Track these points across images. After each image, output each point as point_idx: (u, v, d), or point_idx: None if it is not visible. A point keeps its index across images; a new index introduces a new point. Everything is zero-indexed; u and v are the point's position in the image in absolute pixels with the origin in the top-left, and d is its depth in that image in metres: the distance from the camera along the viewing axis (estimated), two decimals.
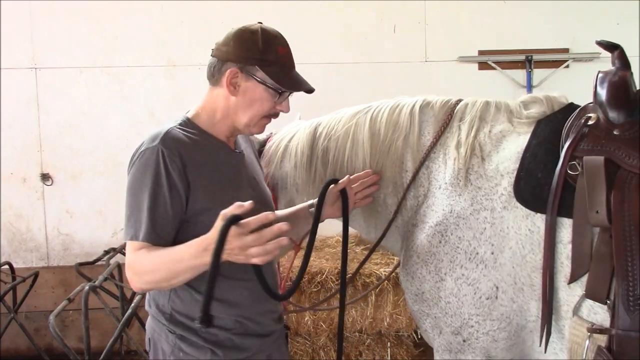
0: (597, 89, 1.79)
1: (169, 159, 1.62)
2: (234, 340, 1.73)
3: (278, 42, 1.77)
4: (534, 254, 1.79)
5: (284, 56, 1.77)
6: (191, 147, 1.69)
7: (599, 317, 1.67)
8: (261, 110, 1.75)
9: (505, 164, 1.90)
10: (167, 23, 4.64)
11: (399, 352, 3.86)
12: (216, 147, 1.77)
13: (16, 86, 4.59)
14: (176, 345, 1.71)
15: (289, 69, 1.79)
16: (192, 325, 1.68)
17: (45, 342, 4.49)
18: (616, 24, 4.75)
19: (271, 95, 1.75)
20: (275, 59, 1.74)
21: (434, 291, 1.94)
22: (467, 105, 2.07)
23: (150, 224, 1.60)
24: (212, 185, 1.69)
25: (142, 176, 1.62)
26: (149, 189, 1.61)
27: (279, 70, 1.74)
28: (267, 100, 1.75)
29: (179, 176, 1.62)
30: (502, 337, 1.88)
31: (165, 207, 1.61)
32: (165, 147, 1.63)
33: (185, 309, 1.71)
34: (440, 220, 1.94)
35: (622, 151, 1.70)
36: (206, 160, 1.71)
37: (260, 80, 1.73)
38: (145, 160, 1.63)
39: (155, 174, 1.61)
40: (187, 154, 1.66)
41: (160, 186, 1.61)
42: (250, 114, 1.75)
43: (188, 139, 1.70)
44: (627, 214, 1.63)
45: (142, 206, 1.61)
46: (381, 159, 2.11)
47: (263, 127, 1.81)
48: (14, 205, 4.64)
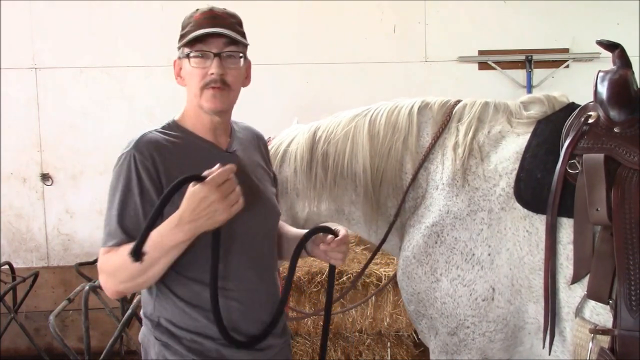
0: (598, 88, 1.79)
1: (141, 164, 1.56)
2: (222, 351, 1.62)
3: (198, 12, 1.64)
4: (532, 255, 1.78)
5: (200, 18, 1.61)
6: (169, 150, 1.62)
7: (601, 318, 1.66)
8: (195, 81, 1.62)
9: (504, 164, 1.90)
10: (167, 23, 4.63)
11: (399, 352, 3.86)
12: (200, 148, 1.68)
13: (16, 86, 4.58)
14: (161, 352, 1.64)
15: (200, 24, 1.61)
16: (177, 334, 1.62)
17: (45, 342, 4.48)
18: (616, 24, 4.74)
19: (196, 63, 1.60)
20: (190, 27, 1.62)
21: (430, 292, 1.94)
22: (465, 106, 2.07)
23: (120, 229, 1.54)
24: None
25: (115, 183, 1.58)
26: (119, 195, 1.56)
27: (188, 33, 1.61)
28: (194, 70, 1.61)
29: (150, 181, 1.56)
30: (499, 338, 1.87)
31: (136, 212, 1.55)
32: (137, 151, 1.57)
33: (169, 317, 1.63)
34: (436, 221, 1.94)
35: (623, 148, 1.70)
36: (185, 162, 1.62)
37: (182, 55, 1.63)
38: (119, 167, 1.59)
39: (127, 179, 1.56)
40: (163, 158, 1.59)
41: (130, 191, 1.56)
42: (193, 91, 1.64)
43: (167, 142, 1.63)
44: (627, 211, 1.63)
45: (113, 212, 1.56)
46: (381, 162, 2.10)
47: (212, 98, 1.62)
48: (14, 205, 4.64)
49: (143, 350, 1.71)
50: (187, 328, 1.62)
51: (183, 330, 1.62)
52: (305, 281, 3.74)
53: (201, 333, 1.61)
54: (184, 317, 1.62)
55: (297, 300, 3.73)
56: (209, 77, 1.61)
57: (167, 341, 1.63)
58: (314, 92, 4.62)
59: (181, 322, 1.62)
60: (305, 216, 2.33)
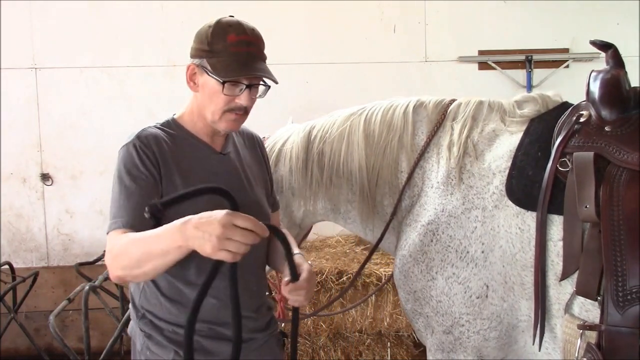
0: (590, 87, 1.81)
1: (141, 150, 1.61)
2: (202, 342, 1.65)
3: (231, 30, 1.64)
4: (524, 252, 1.79)
5: (234, 44, 1.63)
6: (167, 145, 1.67)
7: (590, 314, 1.67)
8: (219, 103, 1.66)
9: (498, 162, 1.91)
10: (167, 23, 4.64)
11: (399, 352, 3.86)
12: (196, 148, 1.73)
13: (16, 86, 4.59)
14: (144, 343, 1.70)
15: (240, 56, 1.63)
16: (158, 325, 1.67)
17: (45, 342, 4.48)
18: (616, 24, 4.74)
19: (228, 91, 1.64)
20: (222, 49, 1.63)
21: (426, 290, 1.95)
22: (460, 105, 2.08)
23: (126, 212, 1.57)
24: (184, 185, 1.63)
25: (118, 171, 1.62)
26: (124, 182, 1.59)
27: (224, 60, 1.63)
28: (220, 93, 1.64)
29: (151, 164, 1.61)
30: (493, 336, 1.88)
31: (141, 195, 1.57)
32: (139, 140, 1.63)
33: (152, 309, 1.69)
34: (432, 219, 1.95)
35: (613, 147, 1.71)
36: (182, 160, 1.68)
37: (209, 73, 1.65)
38: (121, 156, 1.63)
39: (130, 165, 1.60)
40: (161, 151, 1.65)
41: (134, 176, 1.59)
42: (212, 109, 1.68)
43: (165, 138, 1.68)
44: (615, 209, 1.63)
45: (116, 198, 1.60)
46: (377, 160, 2.11)
47: (232, 122, 1.70)
48: (14, 205, 4.64)
49: (132, 342, 1.78)
50: (167, 320, 1.67)
51: (164, 322, 1.67)
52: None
53: (181, 325, 1.59)
54: (165, 310, 1.67)
55: None
56: (235, 105, 1.67)
57: (150, 332, 1.69)
58: (314, 92, 4.62)
59: (162, 314, 1.68)
60: (301, 215, 2.34)
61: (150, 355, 1.68)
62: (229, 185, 1.59)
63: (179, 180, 1.64)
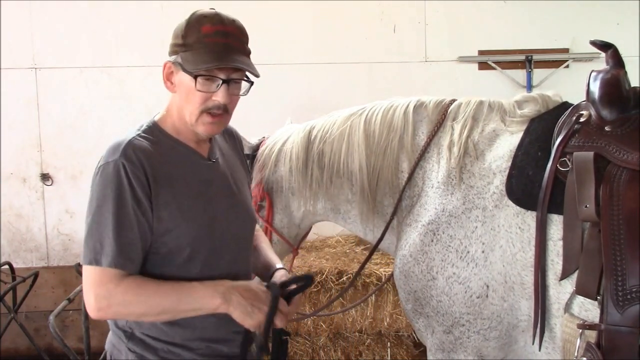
0: (590, 87, 1.81)
1: (132, 174, 1.46)
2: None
3: (206, 21, 1.50)
4: (524, 252, 1.79)
5: (208, 35, 1.48)
6: (156, 158, 1.52)
7: (590, 314, 1.67)
8: (195, 102, 1.52)
9: (498, 162, 1.91)
10: (167, 23, 4.62)
11: (399, 352, 3.86)
12: (184, 156, 1.59)
13: (16, 86, 4.58)
14: None
15: (214, 47, 1.49)
16: (152, 345, 1.55)
17: (45, 342, 4.48)
18: (616, 24, 4.74)
19: (201, 86, 1.50)
20: (195, 40, 1.49)
21: (426, 290, 1.95)
22: (460, 105, 2.08)
23: (117, 246, 1.43)
24: (175, 201, 1.52)
25: (102, 194, 1.45)
26: (111, 209, 1.44)
27: (197, 52, 1.48)
28: (195, 90, 1.50)
29: (143, 192, 1.46)
30: (494, 336, 1.88)
31: (132, 228, 1.45)
32: (127, 160, 1.46)
33: (146, 330, 1.56)
34: (432, 219, 1.95)
35: (613, 146, 1.71)
36: (172, 173, 1.54)
37: (184, 69, 1.50)
38: (105, 176, 1.47)
39: (118, 191, 1.45)
40: (152, 167, 1.49)
41: (124, 205, 1.44)
42: (189, 110, 1.54)
43: (152, 149, 1.52)
44: (615, 208, 1.63)
45: (103, 227, 1.44)
46: (377, 161, 2.11)
47: (209, 125, 1.55)
48: (14, 205, 4.64)
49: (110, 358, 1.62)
50: (163, 339, 1.56)
51: (159, 342, 1.56)
52: None
53: (177, 344, 1.56)
54: (158, 330, 1.56)
55: None
56: (212, 103, 1.53)
57: (142, 353, 1.56)
58: (314, 92, 4.62)
59: (155, 333, 1.56)
60: (301, 215, 2.34)
61: None
62: (221, 192, 1.62)
63: (171, 197, 1.52)
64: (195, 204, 1.56)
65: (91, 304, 1.46)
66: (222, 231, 1.60)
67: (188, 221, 1.52)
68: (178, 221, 1.51)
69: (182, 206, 1.53)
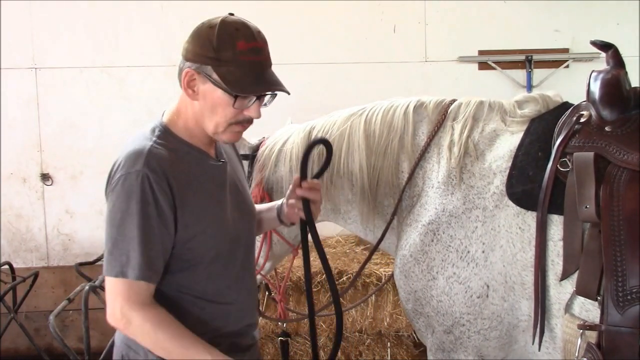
0: (590, 87, 1.81)
1: (157, 185, 1.46)
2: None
3: (239, 35, 1.49)
4: (524, 252, 1.79)
5: (244, 52, 1.49)
6: (176, 166, 1.53)
7: (590, 314, 1.67)
8: (225, 116, 1.53)
9: (498, 162, 1.91)
10: (167, 23, 4.64)
11: (399, 352, 3.86)
12: (199, 160, 1.61)
13: (16, 86, 4.58)
14: None
15: (251, 67, 1.51)
16: None
17: (45, 342, 4.48)
18: (616, 24, 4.74)
19: (232, 99, 1.51)
20: (231, 57, 1.48)
21: (426, 290, 1.95)
22: (460, 105, 2.08)
23: (144, 259, 1.44)
24: (199, 206, 1.55)
25: (127, 206, 1.45)
26: (136, 221, 1.44)
27: (235, 70, 1.49)
28: (228, 105, 1.51)
29: (166, 203, 1.47)
30: (494, 336, 1.88)
31: (156, 241, 1.47)
32: (150, 171, 1.46)
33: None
34: (432, 219, 1.95)
35: (613, 147, 1.71)
36: (191, 178, 1.55)
37: (216, 83, 1.50)
38: (129, 187, 1.46)
39: (143, 203, 1.45)
40: (174, 176, 1.50)
41: (149, 217, 1.45)
42: (215, 121, 1.54)
43: (171, 157, 1.53)
44: (615, 209, 1.63)
45: (129, 240, 1.45)
46: (377, 161, 2.11)
47: (236, 134, 1.59)
48: (14, 205, 4.64)
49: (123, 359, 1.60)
50: None
51: None
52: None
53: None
54: None
55: (297, 300, 3.73)
56: (243, 117, 1.55)
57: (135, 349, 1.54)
58: (314, 92, 4.61)
59: None
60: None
61: None
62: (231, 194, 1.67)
63: (192, 200, 1.54)
64: (213, 206, 1.60)
65: (114, 314, 1.47)
66: (233, 230, 1.65)
67: (210, 224, 1.56)
68: (202, 226, 1.54)
69: (204, 211, 1.56)
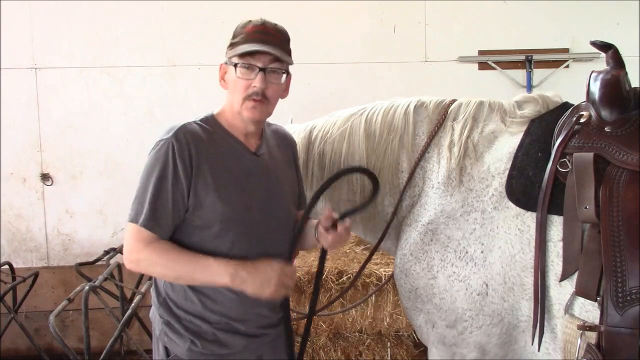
0: (590, 87, 1.81)
1: (178, 152, 1.68)
2: (217, 335, 1.76)
3: (251, 23, 1.75)
4: (523, 253, 1.79)
5: (251, 32, 1.73)
6: (204, 142, 1.73)
7: (590, 314, 1.67)
8: (238, 91, 1.74)
9: (497, 164, 1.91)
10: (167, 23, 4.64)
11: (399, 352, 3.86)
12: (232, 147, 1.79)
13: (16, 86, 4.58)
14: (163, 330, 1.78)
15: (252, 39, 1.72)
16: (177, 313, 1.76)
17: (45, 342, 4.48)
18: (616, 24, 4.74)
19: (241, 74, 1.72)
20: (241, 38, 1.73)
21: (428, 288, 1.95)
22: (460, 106, 2.09)
23: (151, 211, 1.67)
24: (217, 183, 1.72)
25: (152, 166, 1.69)
26: (154, 179, 1.68)
27: (238, 44, 1.73)
28: (239, 80, 1.73)
29: (184, 171, 1.68)
30: (495, 332, 1.89)
31: (167, 198, 1.68)
32: (176, 140, 1.69)
33: (175, 296, 1.77)
34: (431, 219, 1.96)
35: (613, 147, 1.71)
36: (216, 158, 1.74)
37: (230, 62, 1.75)
38: (157, 151, 1.70)
39: (163, 165, 1.68)
40: (197, 149, 1.71)
41: (165, 178, 1.67)
42: (235, 99, 1.76)
43: (203, 134, 1.74)
44: (615, 210, 1.64)
45: (146, 193, 1.68)
46: (377, 161, 2.12)
47: (251, 110, 1.75)
48: (14, 205, 4.64)
49: (152, 327, 1.87)
50: (186, 309, 1.76)
51: (182, 311, 1.77)
52: (305, 281, 3.74)
53: (198, 315, 1.76)
54: (186, 299, 1.76)
55: (297, 301, 3.73)
56: (252, 89, 1.72)
57: (168, 319, 1.77)
58: (315, 92, 4.61)
59: (181, 302, 1.77)
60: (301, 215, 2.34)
61: (168, 341, 1.78)
62: (260, 184, 1.80)
63: (211, 178, 1.71)
64: (233, 188, 1.74)
65: (129, 257, 1.72)
66: (255, 220, 1.77)
67: (223, 201, 1.71)
68: (212, 199, 1.71)
69: (219, 187, 1.72)
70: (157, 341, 1.82)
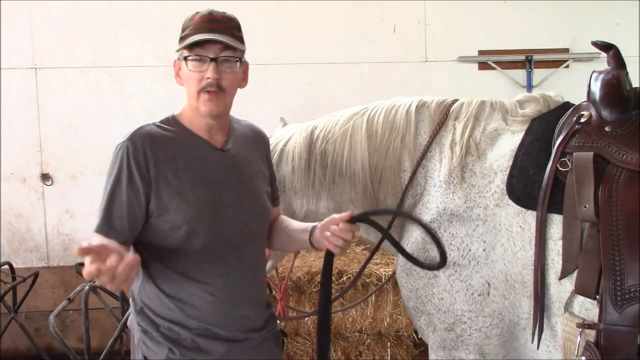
0: (591, 87, 1.82)
1: (133, 155, 1.63)
2: (196, 341, 1.70)
3: (198, 15, 1.68)
4: (524, 250, 1.80)
5: (198, 22, 1.66)
6: (164, 144, 1.68)
7: (590, 313, 1.67)
8: (192, 84, 1.67)
9: (499, 161, 1.91)
10: (167, 23, 4.64)
11: (399, 352, 3.86)
12: (194, 145, 1.73)
13: (16, 86, 4.58)
14: (141, 338, 1.73)
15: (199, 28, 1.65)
16: (155, 321, 1.71)
17: (45, 342, 4.48)
18: (616, 24, 4.75)
19: (193, 67, 1.66)
20: (189, 30, 1.66)
21: (428, 288, 1.95)
22: (462, 105, 2.09)
23: (105, 217, 1.63)
24: (180, 184, 1.66)
25: (110, 170, 1.66)
26: (110, 184, 1.64)
27: (186, 37, 1.66)
28: (192, 73, 1.66)
29: (139, 174, 1.63)
30: (495, 333, 1.89)
31: (122, 201, 1.63)
32: (131, 143, 1.64)
33: (151, 303, 1.72)
34: (434, 218, 1.96)
35: (613, 147, 1.72)
36: (177, 158, 1.68)
37: (181, 57, 1.69)
38: (114, 156, 1.67)
39: (119, 169, 1.64)
40: (155, 151, 1.65)
41: (119, 181, 1.63)
42: (190, 93, 1.70)
43: (162, 136, 1.69)
44: (614, 209, 1.64)
45: (103, 199, 1.65)
46: (379, 160, 2.12)
47: (208, 102, 1.68)
48: (14, 205, 4.64)
49: (132, 335, 1.80)
50: (164, 316, 1.71)
51: (160, 318, 1.71)
52: (305, 281, 3.74)
53: (177, 322, 1.70)
54: (162, 306, 1.70)
55: (297, 300, 3.73)
56: (205, 82, 1.66)
57: (146, 327, 1.72)
58: (315, 92, 4.62)
59: (159, 310, 1.71)
60: (303, 215, 2.34)
61: (146, 350, 1.72)
62: (229, 181, 1.73)
63: (174, 180, 1.66)
64: (198, 187, 1.68)
65: None
66: (226, 217, 1.71)
67: (187, 202, 1.66)
68: (177, 200, 1.65)
69: (183, 187, 1.66)
70: (135, 350, 1.76)
